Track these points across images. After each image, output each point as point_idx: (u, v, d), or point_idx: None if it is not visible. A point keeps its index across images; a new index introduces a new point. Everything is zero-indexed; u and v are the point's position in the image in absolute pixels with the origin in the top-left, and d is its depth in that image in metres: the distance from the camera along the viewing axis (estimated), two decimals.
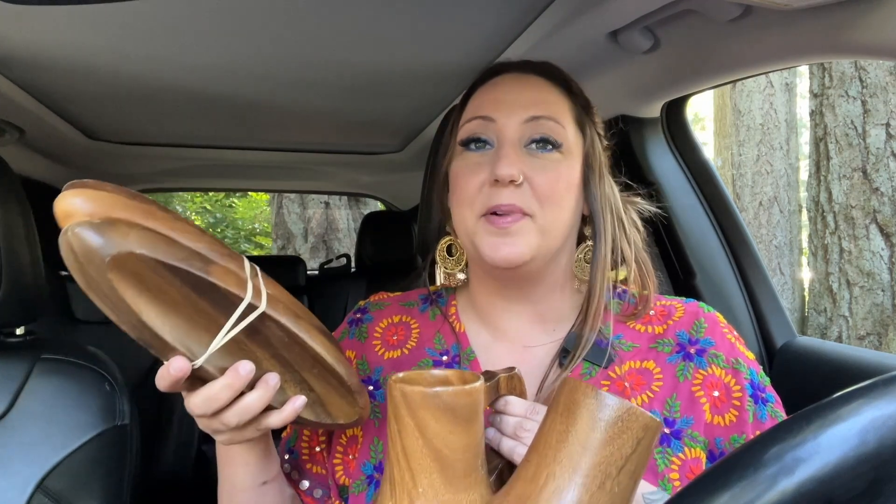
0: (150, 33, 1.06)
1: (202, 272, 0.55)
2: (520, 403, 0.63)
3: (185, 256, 0.55)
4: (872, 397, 0.34)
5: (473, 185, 0.71)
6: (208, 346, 0.57)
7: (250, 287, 0.57)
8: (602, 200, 0.75)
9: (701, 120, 9.18)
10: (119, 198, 0.55)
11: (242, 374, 0.57)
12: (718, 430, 0.70)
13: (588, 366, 0.73)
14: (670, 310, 0.78)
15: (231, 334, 0.57)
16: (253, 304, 0.57)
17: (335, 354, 0.62)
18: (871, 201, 3.78)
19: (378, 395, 0.77)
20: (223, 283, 0.55)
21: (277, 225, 5.16)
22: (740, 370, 0.72)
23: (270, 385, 0.59)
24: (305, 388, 0.64)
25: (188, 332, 0.57)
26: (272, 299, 0.59)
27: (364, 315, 0.85)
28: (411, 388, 0.52)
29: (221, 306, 0.56)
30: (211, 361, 0.58)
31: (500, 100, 0.74)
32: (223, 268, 0.57)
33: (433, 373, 0.59)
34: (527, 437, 0.60)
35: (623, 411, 0.49)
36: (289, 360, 0.61)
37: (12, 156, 1.50)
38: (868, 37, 0.73)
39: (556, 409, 0.52)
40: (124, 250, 0.52)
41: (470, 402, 0.53)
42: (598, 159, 0.76)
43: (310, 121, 1.77)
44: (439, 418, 0.52)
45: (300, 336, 0.59)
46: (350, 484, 0.74)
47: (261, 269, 0.61)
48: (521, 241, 0.69)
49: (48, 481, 0.92)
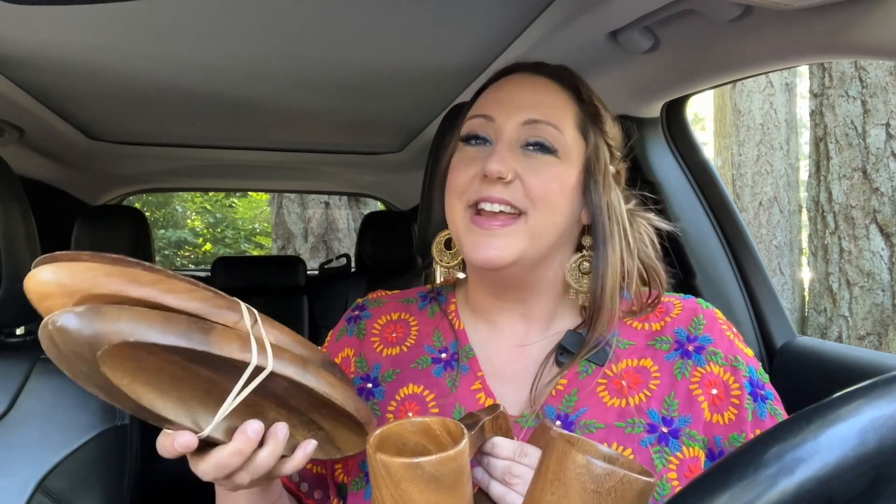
0: (150, 33, 1.06)
1: (203, 345, 0.50)
2: (507, 446, 0.61)
3: (183, 329, 0.50)
4: (872, 397, 0.34)
5: (465, 176, 0.72)
6: (214, 413, 0.53)
7: (254, 346, 0.53)
8: (605, 211, 0.73)
9: (701, 120, 9.18)
10: (100, 266, 0.49)
11: (252, 436, 0.55)
12: (718, 429, 0.70)
13: (585, 364, 0.73)
14: (668, 307, 0.77)
15: (238, 400, 0.54)
16: (259, 365, 0.53)
17: (343, 391, 0.60)
18: (871, 201, 3.78)
19: (377, 392, 0.77)
20: (226, 351, 0.51)
21: (277, 225, 5.16)
22: (739, 368, 0.72)
23: (280, 438, 0.57)
24: (314, 428, 0.61)
25: (191, 404, 0.53)
26: (277, 350, 0.55)
27: (362, 312, 0.85)
28: (392, 460, 0.49)
29: (226, 371, 0.53)
30: (218, 427, 0.54)
31: (502, 100, 0.74)
32: (223, 329, 0.52)
33: (413, 421, 0.56)
34: (517, 484, 0.59)
35: (616, 481, 0.47)
36: (296, 406, 0.59)
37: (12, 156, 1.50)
38: (868, 37, 0.73)
39: (546, 475, 0.50)
40: (117, 341, 0.46)
41: (455, 467, 0.50)
42: (602, 168, 0.74)
43: (310, 121, 1.77)
44: (423, 490, 0.49)
45: (307, 385, 0.56)
46: (349, 482, 0.74)
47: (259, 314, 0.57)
48: (505, 243, 0.69)
49: (48, 481, 0.92)
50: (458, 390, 0.74)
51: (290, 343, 0.59)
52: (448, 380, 0.75)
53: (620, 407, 0.70)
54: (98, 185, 2.53)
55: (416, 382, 0.76)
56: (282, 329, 0.59)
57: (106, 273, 0.49)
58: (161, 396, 0.51)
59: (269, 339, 0.56)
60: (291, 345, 0.59)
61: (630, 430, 0.69)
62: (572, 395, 0.71)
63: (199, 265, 7.88)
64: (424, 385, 0.75)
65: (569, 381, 0.72)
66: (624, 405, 0.70)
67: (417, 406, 0.74)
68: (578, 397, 0.71)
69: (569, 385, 0.72)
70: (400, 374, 0.77)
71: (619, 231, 0.74)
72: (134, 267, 0.51)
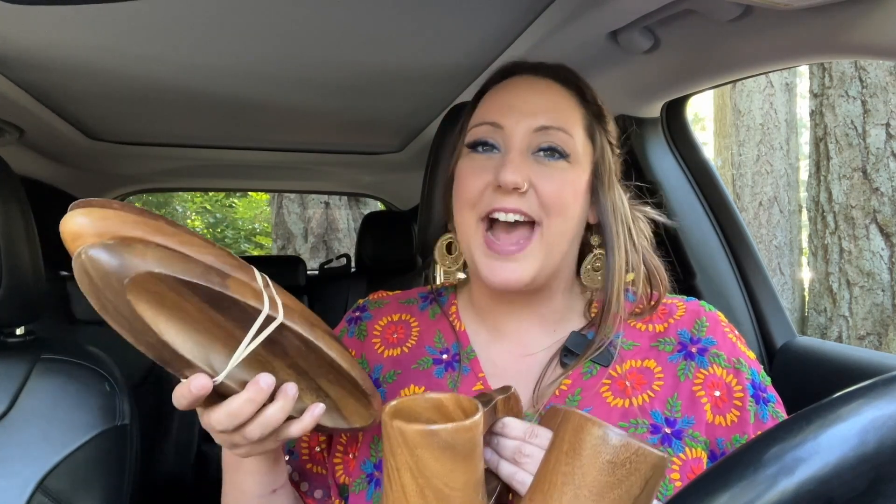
0: (150, 33, 1.06)
1: (221, 287, 0.54)
2: (518, 426, 0.62)
3: (202, 272, 0.54)
4: (872, 397, 0.34)
5: (477, 186, 0.71)
6: (228, 361, 0.56)
7: (266, 298, 0.57)
8: (612, 211, 0.74)
9: (701, 120, 9.18)
10: (127, 215, 0.53)
11: (264, 387, 0.56)
12: (720, 431, 0.70)
13: (590, 364, 0.73)
14: (671, 308, 0.77)
15: (251, 347, 0.56)
16: (271, 315, 0.56)
17: (349, 359, 0.62)
18: (871, 201, 3.78)
19: (380, 392, 0.77)
20: (241, 296, 0.55)
21: (277, 225, 5.15)
22: (742, 370, 0.72)
23: (290, 395, 0.59)
24: (322, 395, 0.63)
25: (208, 348, 0.56)
26: (287, 309, 0.58)
27: (363, 313, 0.85)
28: (409, 426, 0.50)
29: (239, 319, 0.56)
30: (231, 376, 0.57)
31: (510, 105, 0.73)
32: (239, 280, 0.56)
33: (427, 396, 0.57)
34: (527, 463, 0.59)
35: (632, 452, 0.47)
36: (304, 369, 0.61)
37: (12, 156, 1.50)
38: (868, 37, 0.73)
39: (561, 446, 0.50)
40: (143, 270, 0.51)
41: (470, 438, 0.51)
42: (609, 169, 0.75)
43: (310, 121, 1.77)
44: (439, 457, 0.50)
45: (316, 343, 0.59)
46: (350, 483, 0.74)
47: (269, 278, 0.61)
48: (521, 266, 0.69)
49: (48, 481, 0.92)
50: (459, 392, 0.74)
51: (301, 309, 0.61)
52: (449, 381, 0.75)
53: (624, 407, 0.70)
54: (98, 185, 2.53)
55: (417, 383, 0.76)
56: (292, 298, 0.62)
57: (133, 221, 0.53)
58: (180, 334, 0.54)
59: (281, 300, 0.59)
60: (301, 309, 0.61)
61: (633, 431, 0.69)
62: (576, 395, 0.71)
63: None
64: (426, 386, 0.75)
65: (573, 382, 0.72)
66: (627, 405, 0.70)
67: None
68: (582, 397, 0.71)
69: (573, 385, 0.72)
70: (401, 375, 0.77)
71: (624, 230, 0.74)
72: (158, 220, 0.55)
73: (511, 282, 0.69)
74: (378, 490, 0.70)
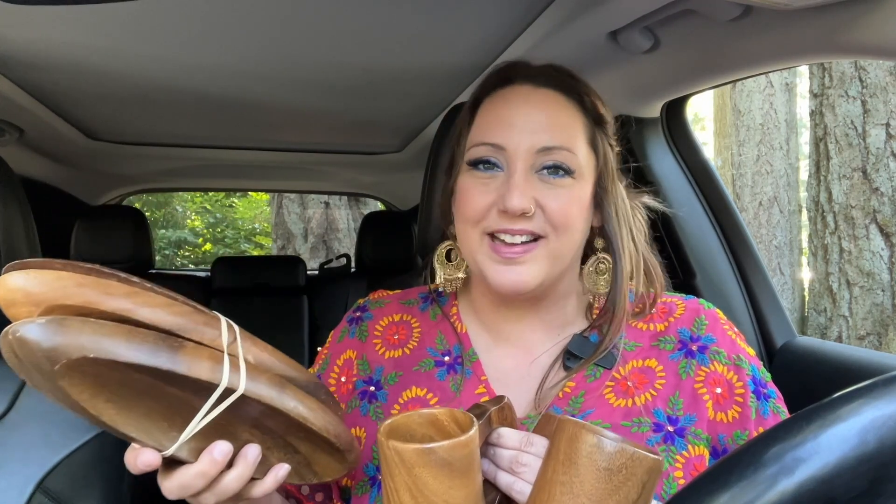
0: (150, 33, 1.06)
1: (170, 364, 0.48)
2: (513, 436, 0.61)
3: (149, 346, 0.48)
4: (872, 397, 0.34)
5: (481, 206, 0.70)
6: (181, 431, 0.51)
7: (226, 367, 0.51)
8: (615, 215, 0.74)
9: (701, 120, 9.18)
10: (71, 276, 0.47)
11: (218, 458, 0.53)
12: (721, 427, 0.70)
13: (593, 367, 0.73)
14: (671, 307, 0.77)
15: (204, 423, 0.51)
16: (230, 388, 0.50)
17: (324, 416, 0.57)
18: (871, 201, 3.78)
19: (380, 395, 0.77)
20: (193, 371, 0.49)
21: (277, 225, 5.16)
22: (742, 366, 0.72)
23: (250, 461, 0.55)
24: (290, 451, 0.58)
25: (157, 422, 0.51)
26: (253, 371, 0.53)
27: (364, 313, 0.84)
28: (405, 446, 0.49)
29: (194, 390, 0.50)
30: (183, 448, 0.52)
31: (510, 124, 0.70)
32: (195, 347, 0.50)
33: (421, 412, 0.56)
34: (524, 472, 0.59)
35: (627, 458, 0.47)
36: (271, 428, 0.56)
37: (12, 156, 1.50)
38: (868, 37, 0.73)
39: (557, 456, 0.50)
40: (76, 356, 0.45)
41: (467, 453, 0.50)
42: (611, 173, 0.75)
43: (310, 121, 1.77)
44: (437, 475, 0.49)
45: (283, 410, 0.54)
46: (352, 485, 0.74)
47: (240, 331, 0.55)
48: (526, 270, 0.68)
49: (48, 481, 0.92)
50: (461, 394, 0.73)
51: (273, 363, 0.56)
52: (451, 383, 0.75)
53: (626, 407, 0.70)
54: (98, 185, 2.53)
55: (419, 385, 0.75)
56: (265, 347, 0.56)
57: (77, 283, 0.47)
58: (124, 413, 0.50)
59: (249, 357, 0.54)
60: (274, 364, 0.56)
61: (636, 430, 0.69)
62: (579, 398, 0.71)
63: (199, 265, 7.88)
64: (428, 388, 0.75)
65: (576, 384, 0.72)
66: (630, 405, 0.70)
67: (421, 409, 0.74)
68: (585, 399, 0.71)
69: (576, 388, 0.72)
70: (403, 377, 0.77)
71: (627, 231, 0.75)
72: (108, 278, 0.49)
73: (520, 285, 0.69)
74: (381, 493, 0.70)
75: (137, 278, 0.51)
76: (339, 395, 0.79)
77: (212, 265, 2.58)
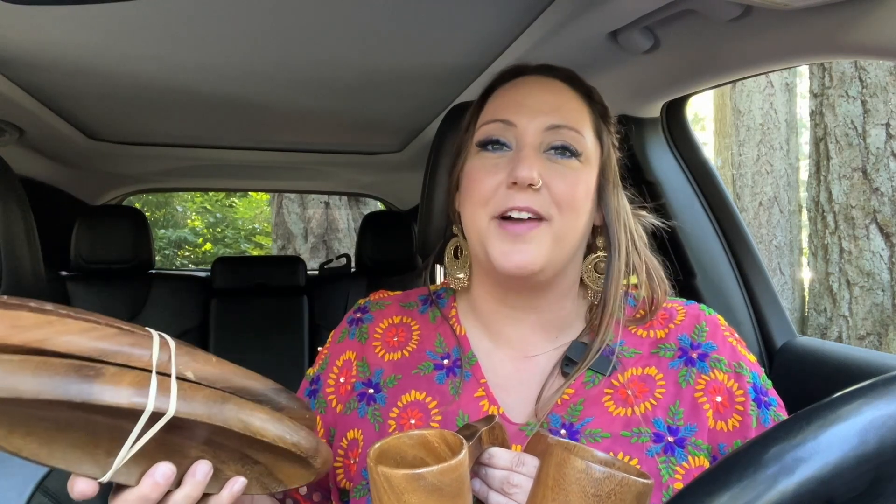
0: (150, 33, 1.06)
1: (83, 395, 0.45)
2: (505, 455, 0.61)
3: (59, 379, 0.44)
4: (872, 397, 0.34)
5: (489, 185, 0.70)
6: (116, 454, 0.48)
7: (152, 389, 0.47)
8: (616, 211, 0.74)
9: (701, 120, 9.18)
10: None
11: (160, 481, 0.51)
12: (722, 436, 0.69)
13: (591, 374, 0.72)
14: (671, 313, 0.77)
15: (135, 449, 0.48)
16: (157, 411, 0.47)
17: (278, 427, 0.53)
18: (871, 201, 3.78)
19: (379, 398, 0.76)
20: (110, 399, 0.46)
21: (277, 225, 5.16)
22: (743, 374, 0.71)
23: (198, 479, 0.53)
24: (249, 463, 0.56)
25: (87, 451, 0.49)
26: (189, 389, 0.50)
27: (364, 315, 0.84)
28: (393, 472, 0.49)
29: (123, 415, 0.47)
30: (122, 472, 0.50)
31: (521, 104, 0.72)
32: (116, 372, 0.47)
33: (411, 434, 0.56)
34: (516, 493, 0.59)
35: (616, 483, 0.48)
36: (222, 443, 0.53)
37: (12, 156, 1.50)
38: (868, 37, 0.73)
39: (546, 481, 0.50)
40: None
41: (456, 477, 0.50)
42: (614, 170, 0.75)
43: (310, 121, 1.77)
44: (426, 500, 0.48)
45: (226, 427, 0.51)
46: (351, 488, 0.74)
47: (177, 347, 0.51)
48: (533, 248, 0.68)
49: (48, 481, 0.92)
50: (460, 398, 0.73)
51: (221, 375, 0.53)
52: (451, 387, 0.74)
53: (626, 416, 0.70)
54: (98, 185, 2.53)
55: (418, 389, 0.75)
56: (207, 360, 0.53)
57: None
58: (47, 446, 0.47)
59: (188, 373, 0.51)
60: (222, 376, 0.53)
61: (636, 440, 0.68)
62: (578, 405, 0.71)
63: (199, 265, 7.88)
64: (427, 392, 0.75)
65: (575, 391, 0.72)
66: (630, 414, 0.70)
67: (420, 413, 0.73)
68: (584, 406, 0.71)
69: (575, 395, 0.72)
70: (402, 380, 0.76)
71: (627, 233, 0.75)
72: (17, 309, 0.46)
73: (524, 264, 0.68)
74: None
75: (52, 305, 0.48)
76: (338, 395, 0.79)
77: (212, 265, 2.58)
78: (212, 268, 2.57)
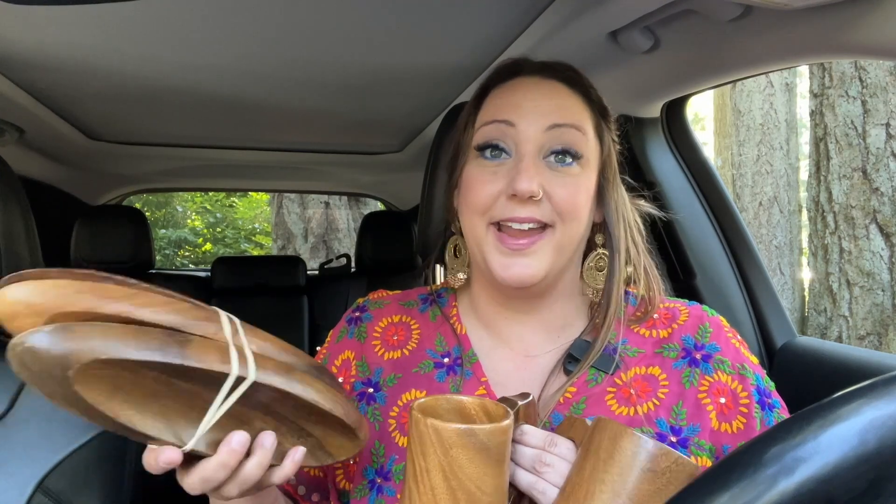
0: (150, 33, 1.06)
1: (180, 358, 0.49)
2: (538, 434, 0.60)
3: (158, 343, 0.49)
4: (872, 397, 0.34)
5: (488, 194, 0.69)
6: (197, 425, 0.52)
7: (234, 356, 0.52)
8: (617, 210, 0.74)
9: (701, 120, 9.18)
10: (69, 283, 0.48)
11: (237, 448, 0.54)
12: (725, 438, 0.69)
13: (594, 372, 0.72)
14: (675, 313, 0.77)
15: (220, 412, 0.52)
16: (240, 376, 0.52)
17: (332, 397, 0.58)
18: (871, 201, 3.78)
19: (378, 397, 0.76)
20: (204, 363, 0.50)
21: (277, 225, 5.15)
22: (747, 376, 0.71)
23: (267, 448, 0.56)
24: (304, 435, 0.60)
25: (173, 418, 0.52)
26: (259, 360, 0.54)
27: (363, 314, 0.84)
28: (445, 425, 0.48)
29: (206, 382, 0.51)
30: (201, 441, 0.53)
31: (520, 105, 0.71)
32: (201, 340, 0.51)
33: (449, 398, 0.55)
34: (547, 472, 0.58)
35: (672, 461, 0.47)
36: (283, 414, 0.57)
37: (12, 156, 1.50)
38: (868, 37, 0.73)
39: (598, 454, 0.49)
40: (88, 359, 0.46)
41: (504, 441, 0.50)
42: (613, 168, 0.75)
43: (310, 121, 1.77)
44: (473, 458, 0.48)
45: (293, 393, 0.55)
46: (351, 489, 0.73)
47: (241, 323, 0.56)
48: (534, 262, 0.68)
49: (48, 481, 0.92)
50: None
51: (275, 351, 0.58)
52: (451, 385, 0.74)
53: (629, 416, 0.69)
54: (98, 185, 2.53)
55: (418, 388, 0.75)
56: (265, 337, 0.58)
57: (76, 290, 0.48)
58: (140, 412, 0.50)
59: (252, 348, 0.55)
60: (276, 352, 0.58)
61: None
62: (580, 403, 0.71)
63: (199, 265, 7.88)
64: (427, 390, 0.74)
65: (578, 390, 0.72)
66: (632, 414, 0.69)
67: None
68: (587, 405, 0.70)
69: (577, 393, 0.71)
70: (402, 379, 0.76)
71: (627, 230, 0.74)
72: (105, 282, 0.49)
73: (525, 277, 0.68)
74: (380, 496, 0.69)
75: (133, 280, 0.51)
76: None
77: (212, 265, 2.58)
78: (212, 268, 2.56)
